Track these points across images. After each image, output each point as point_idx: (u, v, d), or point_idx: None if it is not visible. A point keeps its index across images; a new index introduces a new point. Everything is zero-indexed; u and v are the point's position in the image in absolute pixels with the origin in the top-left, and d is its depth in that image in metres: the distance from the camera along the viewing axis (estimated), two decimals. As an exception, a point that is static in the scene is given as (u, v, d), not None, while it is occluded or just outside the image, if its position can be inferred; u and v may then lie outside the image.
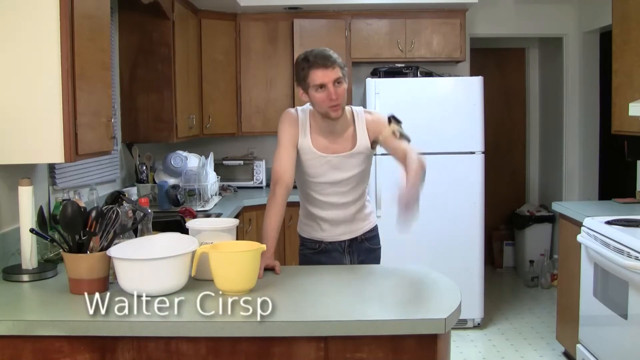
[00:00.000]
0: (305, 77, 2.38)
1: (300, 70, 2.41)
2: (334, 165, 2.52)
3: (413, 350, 1.77)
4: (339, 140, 2.51)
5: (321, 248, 2.62)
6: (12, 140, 2.16)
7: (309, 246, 2.65)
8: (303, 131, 2.50)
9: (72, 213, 1.99)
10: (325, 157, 2.50)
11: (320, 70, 2.35)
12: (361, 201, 2.64)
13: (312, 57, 2.38)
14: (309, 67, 2.37)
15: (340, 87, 2.37)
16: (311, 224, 2.64)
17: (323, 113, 2.42)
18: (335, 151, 2.51)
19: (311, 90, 2.38)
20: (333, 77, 2.35)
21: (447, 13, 4.77)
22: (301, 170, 2.56)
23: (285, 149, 2.47)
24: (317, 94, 2.37)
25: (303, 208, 2.67)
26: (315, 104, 2.42)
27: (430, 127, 4.32)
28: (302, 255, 2.68)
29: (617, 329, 3.02)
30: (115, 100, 3.72)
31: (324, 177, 2.53)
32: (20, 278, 2.15)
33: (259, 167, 4.93)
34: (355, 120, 2.53)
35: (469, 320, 4.46)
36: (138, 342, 1.76)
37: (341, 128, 2.51)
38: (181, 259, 1.94)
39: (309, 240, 2.65)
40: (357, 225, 2.63)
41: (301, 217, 2.70)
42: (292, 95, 4.82)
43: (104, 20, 2.57)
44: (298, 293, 2.04)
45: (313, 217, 2.62)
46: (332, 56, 2.39)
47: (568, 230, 3.69)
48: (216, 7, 4.59)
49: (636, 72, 3.63)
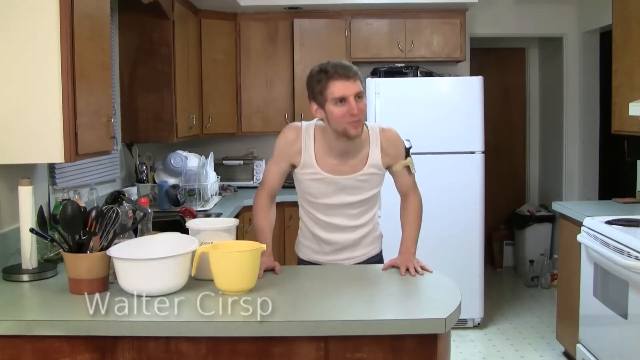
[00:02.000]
0: (323, 90, 2.15)
1: (316, 83, 2.17)
2: (340, 187, 2.32)
3: (413, 350, 1.77)
4: (351, 162, 2.30)
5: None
6: (12, 140, 2.16)
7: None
8: (305, 150, 2.30)
9: (72, 213, 1.99)
10: (331, 178, 2.30)
11: (340, 82, 2.12)
12: (370, 225, 2.44)
13: (330, 68, 2.15)
14: (328, 79, 2.14)
15: (361, 102, 2.16)
16: (311, 245, 2.46)
17: (341, 131, 2.19)
18: (344, 172, 2.30)
19: (329, 104, 2.15)
20: (354, 90, 2.13)
21: (447, 13, 4.77)
22: (302, 190, 2.40)
23: (275, 163, 2.38)
24: (335, 109, 2.14)
25: (304, 227, 2.47)
26: (333, 120, 2.17)
27: (430, 127, 4.32)
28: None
29: (617, 329, 3.02)
30: (115, 100, 3.72)
31: (330, 199, 2.34)
32: (20, 278, 2.15)
33: (259, 167, 4.93)
34: (370, 139, 2.31)
35: (469, 320, 4.46)
36: (138, 342, 1.76)
37: (355, 149, 2.29)
38: (181, 259, 1.94)
39: (307, 262, 2.48)
40: (361, 251, 2.45)
41: (300, 238, 2.51)
42: (292, 95, 4.82)
43: (104, 20, 2.57)
44: (298, 293, 2.04)
45: (314, 238, 2.43)
46: (353, 68, 2.17)
47: (568, 230, 3.69)
48: (216, 7, 4.59)
49: (636, 72, 3.63)
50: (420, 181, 2.52)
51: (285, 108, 4.87)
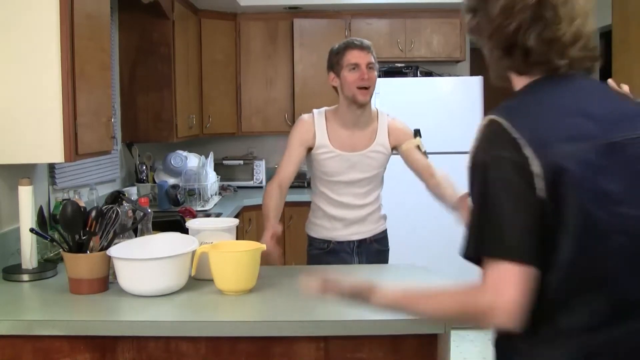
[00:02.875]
0: (340, 59, 2.44)
1: (335, 54, 2.47)
2: (351, 164, 2.53)
3: (413, 350, 1.77)
4: (359, 135, 2.53)
5: (330, 248, 2.61)
6: (12, 140, 2.16)
7: (317, 246, 2.66)
8: (319, 130, 2.53)
9: (72, 213, 1.99)
10: (342, 155, 2.52)
11: (356, 51, 2.42)
12: (375, 205, 2.65)
13: (348, 40, 2.47)
14: (345, 48, 2.44)
15: (372, 72, 2.44)
16: (322, 223, 2.64)
17: (351, 97, 2.45)
18: (354, 148, 2.53)
19: (344, 71, 2.43)
20: (367, 60, 2.43)
21: (447, 13, 4.77)
22: (317, 169, 2.59)
23: (289, 153, 2.54)
24: (349, 75, 2.42)
25: (315, 207, 2.67)
26: (346, 86, 2.45)
27: (430, 127, 4.30)
28: (310, 256, 2.68)
29: (617, 329, 3.01)
30: (115, 100, 3.72)
31: (340, 176, 2.55)
32: (20, 278, 2.15)
33: (259, 167, 4.93)
34: (379, 119, 2.58)
35: (469, 320, 4.46)
36: (138, 342, 1.76)
37: (365, 121, 2.54)
38: (181, 259, 1.94)
39: (318, 239, 2.65)
40: (368, 227, 2.64)
41: (312, 218, 2.70)
42: (292, 95, 4.82)
43: (104, 20, 2.57)
44: (298, 293, 2.04)
45: (325, 216, 2.62)
46: (368, 42, 2.48)
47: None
48: (216, 7, 4.59)
49: (636, 72, 3.63)
50: (420, 181, 2.54)
51: (285, 108, 4.87)
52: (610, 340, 1.13)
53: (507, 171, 1.13)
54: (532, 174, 1.11)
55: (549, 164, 1.11)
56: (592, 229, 1.12)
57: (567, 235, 1.11)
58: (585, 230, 1.11)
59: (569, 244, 1.11)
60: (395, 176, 2.77)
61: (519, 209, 1.12)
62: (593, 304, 1.14)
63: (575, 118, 1.18)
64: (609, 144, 1.15)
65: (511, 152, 1.13)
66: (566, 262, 1.12)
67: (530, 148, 1.12)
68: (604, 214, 1.12)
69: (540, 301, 1.13)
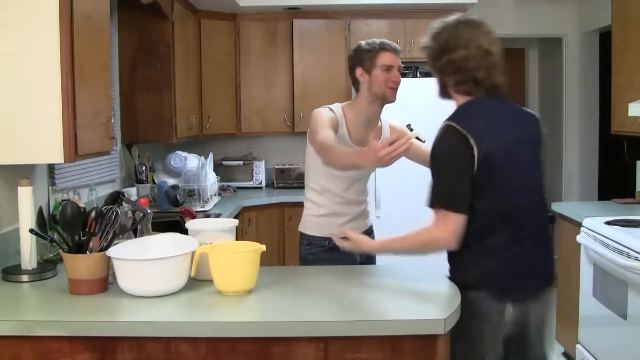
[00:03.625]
0: (373, 57, 2.54)
1: (366, 51, 2.56)
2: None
3: (413, 351, 1.77)
4: (371, 132, 2.56)
5: (331, 245, 2.57)
6: (12, 140, 2.16)
7: (318, 244, 2.64)
8: (341, 124, 2.59)
9: (71, 213, 1.99)
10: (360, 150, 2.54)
11: (390, 54, 2.56)
12: (367, 199, 2.78)
13: (382, 42, 2.58)
14: (380, 49, 2.55)
15: (400, 75, 2.60)
16: (325, 221, 2.64)
17: (380, 94, 2.56)
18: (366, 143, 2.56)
19: (376, 70, 2.54)
20: (398, 63, 2.58)
21: (447, 13, 4.70)
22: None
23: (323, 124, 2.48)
24: (382, 74, 2.54)
25: (316, 205, 2.67)
26: (377, 84, 2.55)
27: (430, 128, 4.31)
28: (311, 254, 2.66)
29: (617, 329, 3.02)
30: (115, 100, 3.72)
31: (352, 172, 2.60)
32: (19, 278, 2.15)
33: (259, 167, 4.93)
34: (382, 123, 2.72)
35: (469, 321, 4.45)
36: (138, 342, 1.76)
37: (378, 118, 2.68)
38: (181, 259, 1.94)
39: (319, 238, 2.65)
40: (363, 221, 2.74)
41: (310, 216, 2.70)
42: (291, 95, 4.82)
43: (104, 20, 2.57)
44: (298, 293, 2.04)
45: (329, 213, 2.64)
46: (400, 48, 2.65)
47: (568, 231, 3.69)
48: (216, 7, 4.59)
49: (636, 72, 3.63)
50: (421, 181, 2.53)
51: (285, 108, 4.87)
52: (516, 252, 1.93)
53: (459, 154, 1.87)
54: (474, 156, 1.86)
55: (483, 151, 1.86)
56: (504, 189, 1.91)
57: (490, 192, 1.89)
58: (500, 189, 1.91)
59: (491, 196, 1.90)
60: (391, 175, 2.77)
61: (461, 177, 1.88)
62: (505, 231, 1.92)
63: (499, 122, 1.97)
64: (516, 139, 1.96)
65: (462, 142, 1.87)
66: (489, 206, 1.90)
67: (473, 140, 1.86)
68: (511, 181, 1.93)
69: (475, 229, 1.91)
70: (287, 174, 4.83)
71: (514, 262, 1.93)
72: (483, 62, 1.97)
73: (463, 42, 2.01)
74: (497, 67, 1.99)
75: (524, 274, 1.95)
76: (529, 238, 1.96)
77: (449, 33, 2.09)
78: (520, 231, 1.93)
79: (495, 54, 2.01)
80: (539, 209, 2.02)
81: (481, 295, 1.92)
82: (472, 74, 1.97)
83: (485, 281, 1.93)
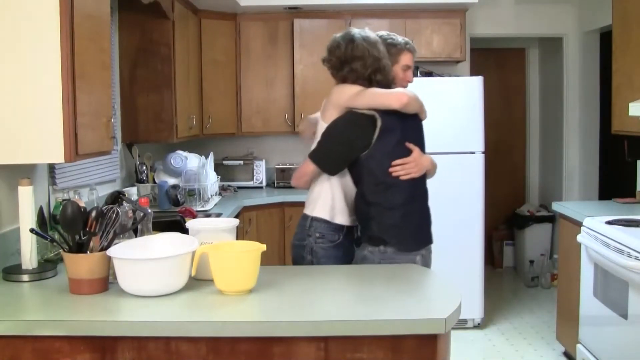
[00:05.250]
0: (397, 55, 2.63)
1: (392, 45, 2.63)
2: None
3: (413, 350, 1.77)
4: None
5: (340, 240, 2.55)
6: (12, 140, 2.16)
7: (329, 238, 2.54)
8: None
9: (72, 213, 1.99)
10: None
11: (411, 54, 2.67)
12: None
13: (405, 41, 2.68)
14: (404, 48, 2.65)
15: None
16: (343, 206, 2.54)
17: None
18: None
19: (397, 67, 2.63)
20: (414, 64, 2.73)
21: (447, 13, 4.77)
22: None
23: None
24: (401, 72, 2.65)
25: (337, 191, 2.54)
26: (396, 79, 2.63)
27: (430, 127, 4.30)
28: (322, 249, 2.55)
29: (617, 329, 3.02)
30: (115, 100, 3.72)
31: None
32: (20, 278, 2.15)
33: (259, 167, 4.93)
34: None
35: (469, 320, 4.46)
36: (138, 342, 1.76)
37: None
38: (181, 259, 1.94)
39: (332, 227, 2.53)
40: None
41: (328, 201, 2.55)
42: (292, 95, 4.82)
43: (104, 20, 2.57)
44: (298, 293, 2.04)
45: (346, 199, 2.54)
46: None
47: (568, 230, 3.69)
48: (216, 7, 4.59)
49: (636, 72, 3.63)
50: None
51: (285, 108, 4.87)
52: (411, 210, 2.49)
53: (362, 125, 2.43)
54: (377, 127, 2.40)
55: (383, 123, 2.40)
56: (397, 155, 2.44)
57: (387, 158, 2.43)
58: (393, 155, 2.43)
59: (387, 161, 2.43)
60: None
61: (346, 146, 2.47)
62: (401, 191, 2.45)
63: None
64: (404, 116, 2.46)
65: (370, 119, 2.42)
66: (387, 168, 2.43)
67: (379, 117, 2.41)
68: (404, 149, 2.46)
69: (377, 189, 2.44)
70: (287, 174, 4.82)
71: (412, 216, 2.50)
72: (377, 67, 2.49)
73: (359, 54, 2.48)
74: (386, 68, 2.52)
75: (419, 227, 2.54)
76: (419, 198, 2.56)
77: (346, 46, 2.50)
78: (414, 193, 2.50)
79: (382, 59, 2.51)
80: (422, 177, 2.56)
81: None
82: (370, 78, 2.49)
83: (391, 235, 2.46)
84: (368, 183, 2.45)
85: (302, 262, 2.58)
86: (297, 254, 2.62)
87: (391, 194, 2.44)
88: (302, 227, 2.60)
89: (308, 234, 2.57)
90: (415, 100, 2.51)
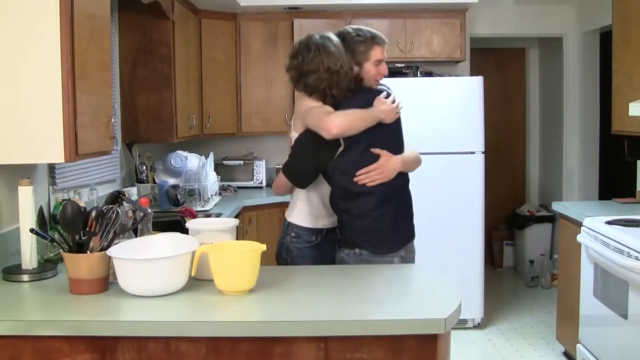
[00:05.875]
0: (366, 51, 2.49)
1: (360, 42, 2.50)
2: None
3: (413, 350, 1.77)
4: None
5: (317, 241, 2.58)
6: (12, 140, 2.16)
7: (305, 239, 2.58)
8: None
9: (72, 213, 1.99)
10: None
11: (381, 48, 2.53)
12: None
13: (372, 34, 2.52)
14: (374, 42, 2.51)
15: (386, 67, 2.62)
16: (321, 211, 2.57)
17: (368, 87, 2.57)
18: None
19: (368, 64, 2.50)
20: (386, 57, 2.57)
21: (447, 13, 4.77)
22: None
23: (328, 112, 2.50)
24: (373, 68, 2.52)
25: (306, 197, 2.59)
26: (367, 76, 2.52)
27: (430, 127, 4.32)
28: (297, 248, 2.58)
29: (617, 329, 3.03)
30: (115, 100, 3.72)
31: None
32: (20, 278, 2.15)
33: (259, 167, 4.93)
34: None
35: (469, 320, 4.46)
36: (138, 342, 1.76)
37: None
38: (181, 259, 1.94)
39: (308, 230, 2.57)
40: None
41: (304, 207, 2.60)
42: (292, 95, 4.82)
43: (104, 20, 2.57)
44: (298, 293, 2.04)
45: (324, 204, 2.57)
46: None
47: (568, 230, 3.69)
48: (216, 7, 4.59)
49: (636, 72, 3.63)
50: (421, 181, 2.54)
51: (285, 108, 4.87)
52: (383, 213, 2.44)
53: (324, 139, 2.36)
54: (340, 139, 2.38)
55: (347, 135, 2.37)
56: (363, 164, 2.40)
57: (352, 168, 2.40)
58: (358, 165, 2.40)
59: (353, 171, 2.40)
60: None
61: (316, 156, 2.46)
62: (372, 197, 2.41)
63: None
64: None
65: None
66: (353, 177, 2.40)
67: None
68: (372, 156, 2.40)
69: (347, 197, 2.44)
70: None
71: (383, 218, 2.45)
72: (332, 81, 2.39)
73: (314, 68, 2.38)
74: (344, 80, 2.41)
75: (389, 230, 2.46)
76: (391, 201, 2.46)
77: (303, 58, 2.42)
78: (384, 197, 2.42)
79: (341, 71, 2.39)
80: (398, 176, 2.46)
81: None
82: (325, 92, 2.40)
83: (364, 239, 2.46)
84: (337, 192, 2.47)
85: (280, 260, 2.62)
86: (277, 252, 2.66)
87: (361, 202, 2.42)
88: (284, 226, 2.68)
89: (287, 232, 2.64)
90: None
